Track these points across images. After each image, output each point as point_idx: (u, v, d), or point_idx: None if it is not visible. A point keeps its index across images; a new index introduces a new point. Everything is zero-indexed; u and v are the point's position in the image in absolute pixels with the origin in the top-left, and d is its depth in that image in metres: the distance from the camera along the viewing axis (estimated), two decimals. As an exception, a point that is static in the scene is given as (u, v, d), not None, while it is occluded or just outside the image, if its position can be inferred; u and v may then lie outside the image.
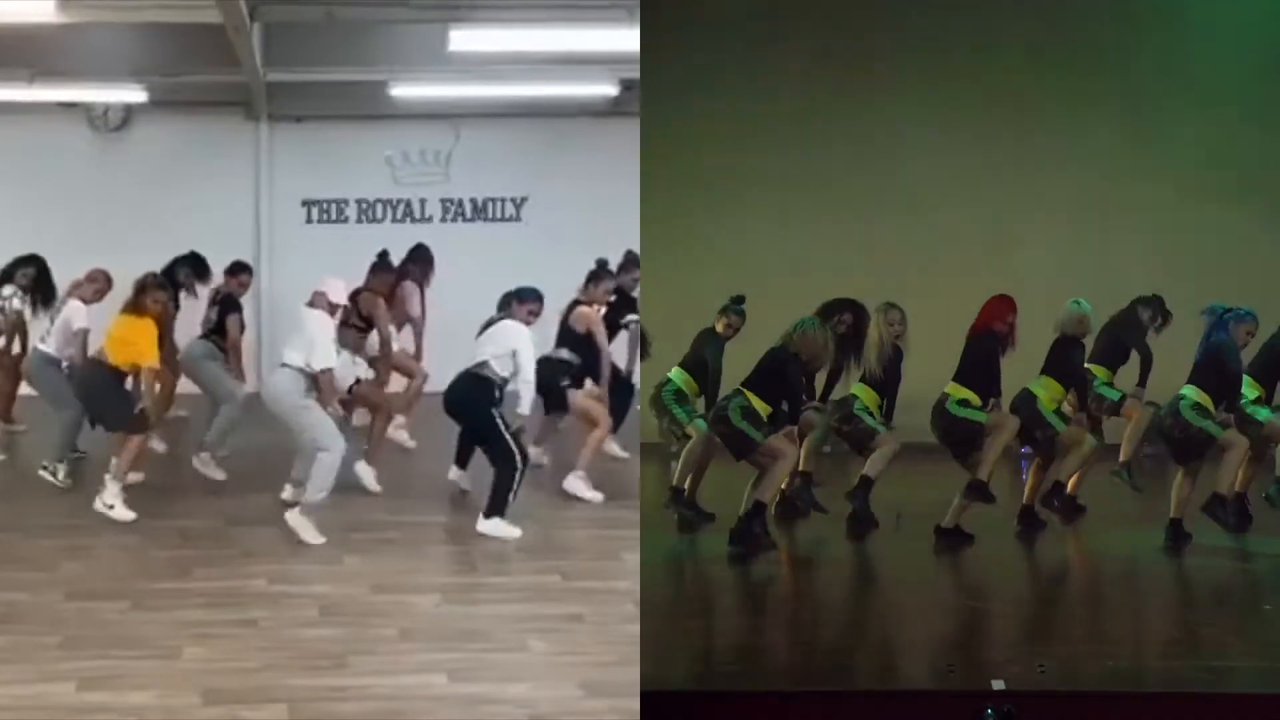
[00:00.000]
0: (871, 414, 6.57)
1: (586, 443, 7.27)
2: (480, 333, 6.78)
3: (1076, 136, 9.47)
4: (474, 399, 6.55)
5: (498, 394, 6.58)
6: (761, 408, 6.14)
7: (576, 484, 7.16)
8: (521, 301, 6.77)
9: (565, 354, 7.32)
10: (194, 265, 8.50)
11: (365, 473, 7.25)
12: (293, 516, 6.31)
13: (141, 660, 4.73)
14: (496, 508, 6.46)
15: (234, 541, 6.39)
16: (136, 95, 10.37)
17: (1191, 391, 6.37)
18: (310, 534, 6.28)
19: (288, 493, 6.87)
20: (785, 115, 9.65)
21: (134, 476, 6.94)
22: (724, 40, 9.58)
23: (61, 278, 8.16)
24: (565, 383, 7.25)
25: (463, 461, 7.24)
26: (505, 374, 6.60)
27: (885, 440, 6.52)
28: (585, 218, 10.90)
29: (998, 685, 4.33)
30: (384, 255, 7.97)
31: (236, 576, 5.79)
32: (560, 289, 7.49)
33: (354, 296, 7.32)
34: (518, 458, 6.45)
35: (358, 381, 7.23)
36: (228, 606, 5.36)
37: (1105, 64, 9.53)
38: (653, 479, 7.46)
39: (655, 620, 4.99)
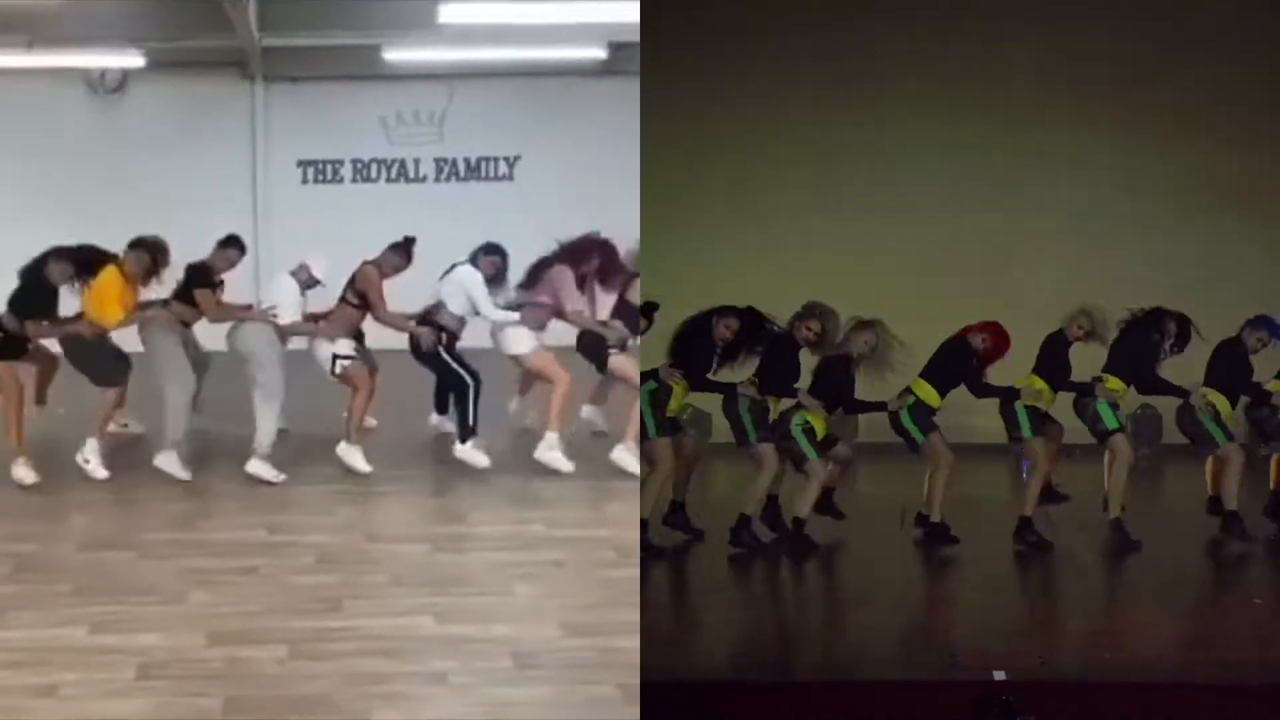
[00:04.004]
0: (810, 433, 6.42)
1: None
2: (441, 277, 7.23)
3: (1076, 149, 9.45)
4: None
5: (443, 334, 7.07)
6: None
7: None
8: (487, 254, 7.26)
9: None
10: (73, 260, 6.82)
11: (349, 453, 7.04)
12: (252, 465, 6.84)
13: (149, 606, 5.00)
14: (463, 432, 7.07)
15: (234, 495, 6.65)
16: (134, 60, 10.49)
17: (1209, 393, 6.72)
18: (271, 473, 6.81)
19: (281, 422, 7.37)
20: (787, 118, 9.68)
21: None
22: (727, 42, 9.62)
23: (57, 239, 7.74)
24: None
25: (441, 408, 7.75)
26: (461, 313, 7.12)
27: (813, 470, 6.39)
28: (578, 176, 11.07)
29: (999, 676, 4.34)
30: (409, 241, 7.23)
31: (237, 528, 6.06)
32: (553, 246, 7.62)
33: (358, 270, 7.17)
34: (467, 379, 7.02)
35: (335, 360, 7.06)
36: (229, 555, 5.61)
37: (1106, 79, 9.53)
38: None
39: (656, 611, 5.10)
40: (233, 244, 7.19)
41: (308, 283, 7.05)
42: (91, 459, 6.84)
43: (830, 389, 6.45)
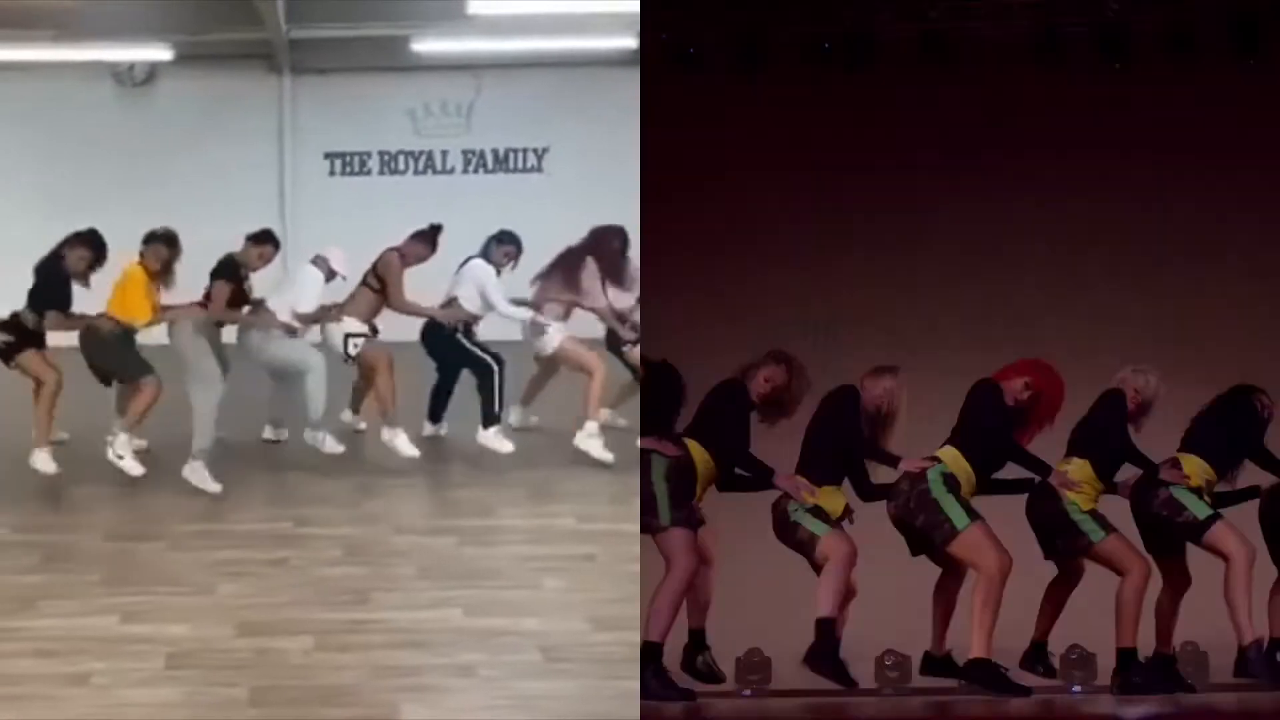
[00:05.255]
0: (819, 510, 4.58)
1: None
2: (456, 271, 7.16)
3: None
4: (437, 330, 7.05)
5: (459, 325, 7.04)
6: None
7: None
8: (500, 243, 7.15)
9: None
10: (90, 245, 6.57)
11: (395, 437, 6.92)
12: (309, 435, 6.82)
13: (178, 596, 5.02)
14: (487, 417, 6.96)
15: (262, 487, 6.67)
16: (161, 54, 10.51)
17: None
18: (331, 444, 6.80)
19: (269, 432, 7.42)
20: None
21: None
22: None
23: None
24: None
25: (435, 416, 7.57)
26: (474, 309, 7.05)
27: (831, 547, 4.53)
28: (607, 167, 11.01)
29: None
30: (435, 229, 7.16)
31: (265, 520, 6.06)
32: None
33: (381, 255, 7.12)
34: (490, 362, 6.94)
35: (348, 340, 6.97)
36: (257, 547, 5.62)
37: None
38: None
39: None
40: (266, 239, 6.86)
41: (328, 275, 7.01)
42: (125, 455, 6.56)
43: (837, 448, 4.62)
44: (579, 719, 4.06)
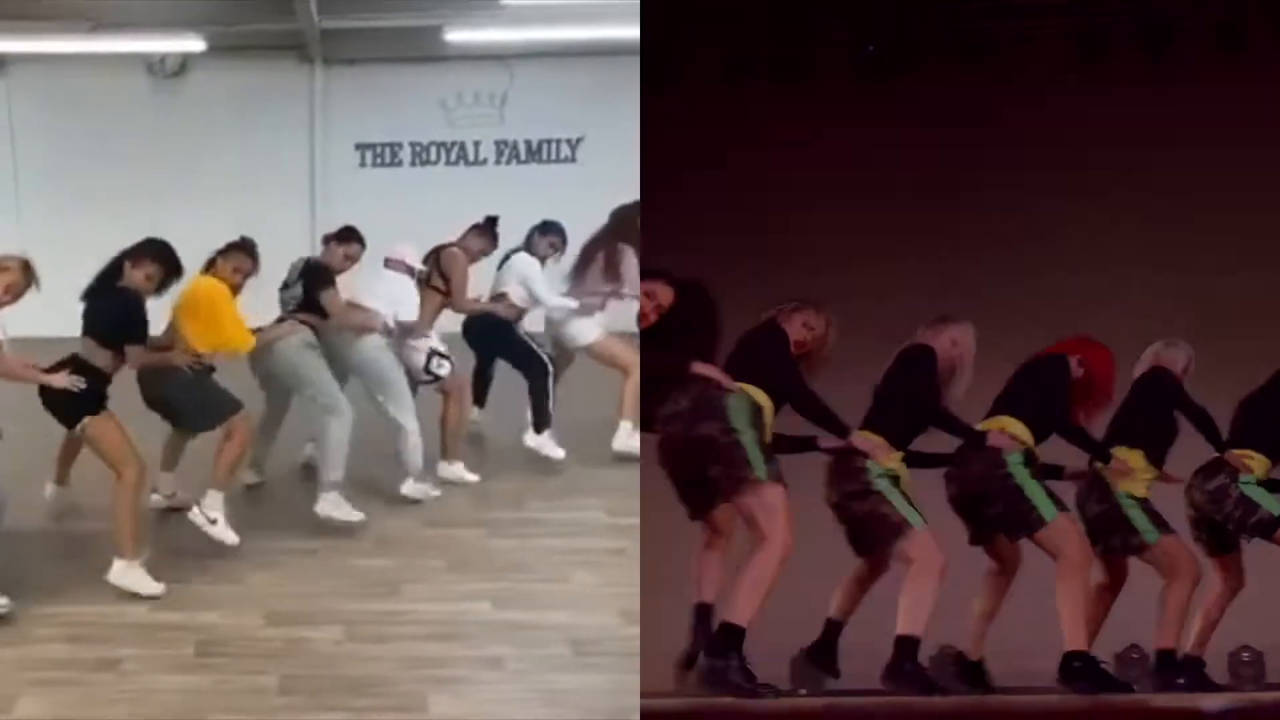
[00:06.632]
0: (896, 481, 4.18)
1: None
2: (499, 266, 6.97)
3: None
4: (492, 325, 6.78)
5: (514, 320, 6.84)
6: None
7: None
8: (543, 234, 6.96)
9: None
10: (158, 259, 5.16)
11: (452, 471, 6.51)
12: (411, 488, 6.19)
13: (209, 585, 5.05)
14: (539, 420, 6.74)
15: (291, 479, 6.58)
16: (194, 45, 10.55)
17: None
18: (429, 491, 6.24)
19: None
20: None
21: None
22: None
23: (118, 227, 6.30)
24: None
25: (480, 400, 7.25)
26: (522, 305, 6.84)
27: (924, 552, 4.07)
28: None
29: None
30: (492, 221, 6.82)
31: (296, 510, 6.01)
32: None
33: (437, 250, 6.62)
34: (547, 361, 6.73)
35: (433, 357, 6.44)
36: (288, 538, 5.63)
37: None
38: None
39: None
40: (351, 237, 6.10)
41: (411, 274, 6.40)
42: (218, 518, 5.35)
43: (907, 407, 4.22)
44: (607, 713, 4.03)
